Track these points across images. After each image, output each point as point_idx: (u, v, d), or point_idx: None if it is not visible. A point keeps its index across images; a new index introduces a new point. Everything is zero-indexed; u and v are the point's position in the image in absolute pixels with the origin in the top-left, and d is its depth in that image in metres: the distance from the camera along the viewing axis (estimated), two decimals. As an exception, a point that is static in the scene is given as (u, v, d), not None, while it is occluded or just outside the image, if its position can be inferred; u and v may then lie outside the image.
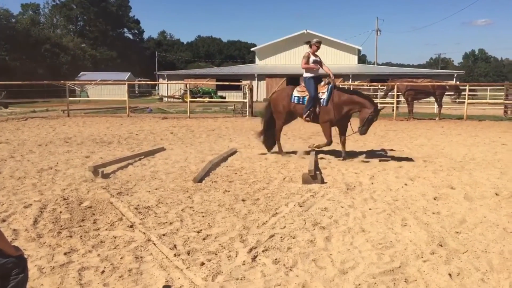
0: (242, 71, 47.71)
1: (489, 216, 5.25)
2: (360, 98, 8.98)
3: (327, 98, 9.02)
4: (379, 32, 62.89)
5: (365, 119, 8.76)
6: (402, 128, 15.93)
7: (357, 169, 8.05)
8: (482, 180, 7.14)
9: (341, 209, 5.54)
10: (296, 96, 9.40)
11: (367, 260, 3.93)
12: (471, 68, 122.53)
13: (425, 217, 5.24)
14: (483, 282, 3.53)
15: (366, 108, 8.76)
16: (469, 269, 3.75)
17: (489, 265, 3.85)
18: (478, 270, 3.74)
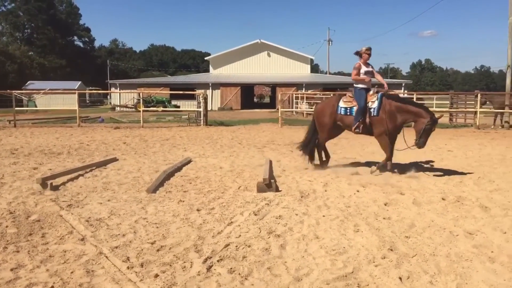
0: (196, 80, 47.64)
1: (437, 220, 5.45)
2: (414, 107, 8.39)
3: (377, 107, 8.44)
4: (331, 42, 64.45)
5: (421, 130, 8.10)
6: (354, 136, 16.21)
7: (311, 176, 8.17)
8: (430, 185, 7.40)
9: (295, 216, 5.59)
10: (343, 107, 8.81)
11: (321, 267, 3.99)
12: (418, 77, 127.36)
13: (376, 222, 5.37)
14: (432, 285, 3.65)
15: (422, 118, 8.14)
16: (418, 272, 3.87)
17: (437, 268, 3.99)
18: (426, 273, 3.87)
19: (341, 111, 8.82)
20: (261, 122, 23.02)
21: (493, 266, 4.02)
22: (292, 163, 9.82)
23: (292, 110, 30.28)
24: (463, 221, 5.40)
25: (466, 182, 7.74)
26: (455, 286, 3.62)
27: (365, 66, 8.72)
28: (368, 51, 8.72)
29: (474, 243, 4.62)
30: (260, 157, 10.64)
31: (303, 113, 29.09)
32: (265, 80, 48.71)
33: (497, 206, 6.05)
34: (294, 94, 32.63)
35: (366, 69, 8.70)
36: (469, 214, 5.72)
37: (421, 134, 8.13)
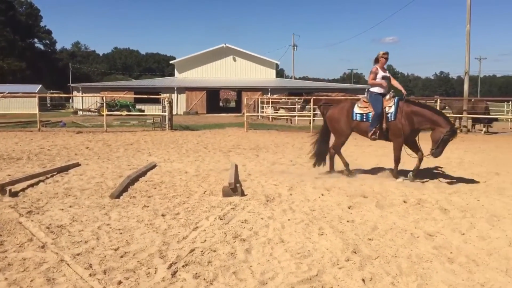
0: (161, 84, 47.18)
1: (398, 222, 5.58)
2: (433, 114, 8.10)
3: (394, 111, 8.22)
4: (295, 47, 65.09)
5: (439, 139, 7.84)
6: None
7: (276, 180, 8.21)
8: (392, 188, 7.56)
9: (261, 220, 5.61)
10: (359, 113, 8.58)
11: (286, 270, 4.02)
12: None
13: (340, 225, 5.45)
14: (393, 286, 3.74)
15: (440, 127, 7.87)
16: (381, 274, 3.96)
17: (399, 269, 4.08)
18: (389, 274, 3.95)
19: (357, 117, 8.58)
20: (227, 126, 23.00)
21: (452, 267, 4.14)
22: (258, 167, 9.85)
23: (258, 114, 30.40)
24: (423, 223, 5.55)
25: (426, 185, 7.96)
26: (416, 286, 3.72)
27: (382, 71, 8.53)
28: (386, 55, 8.51)
29: (434, 244, 4.75)
30: (225, 161, 10.63)
31: (269, 117, 29.26)
32: (230, 85, 48.73)
33: (456, 208, 6.24)
34: (260, 98, 32.77)
35: (383, 74, 8.52)
36: (429, 216, 5.88)
37: (438, 143, 7.88)
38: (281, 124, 25.27)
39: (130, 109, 35.97)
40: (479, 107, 21.44)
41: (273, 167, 9.85)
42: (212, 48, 50.90)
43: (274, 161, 10.82)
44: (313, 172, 9.18)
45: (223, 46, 50.25)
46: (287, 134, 19.14)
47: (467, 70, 22.96)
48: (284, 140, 16.18)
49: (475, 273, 3.99)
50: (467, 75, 23.07)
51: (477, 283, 3.78)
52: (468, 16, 22.27)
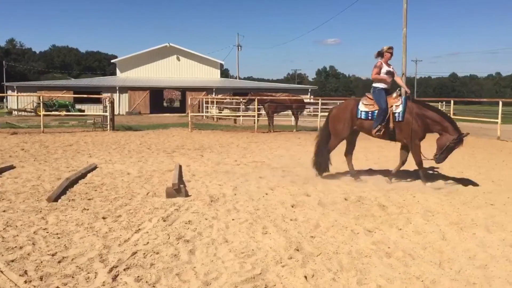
0: (102, 83, 45.88)
1: (340, 219, 5.72)
2: (443, 119, 7.85)
3: (402, 111, 7.96)
4: (240, 47, 65.31)
5: (444, 146, 7.67)
6: (263, 140, 16.64)
7: (221, 181, 8.20)
8: (334, 187, 7.75)
9: (205, 221, 5.59)
10: (364, 111, 8.30)
11: (230, 270, 4.02)
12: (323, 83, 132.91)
13: (284, 224, 5.52)
14: (334, 281, 3.83)
15: (447, 134, 7.69)
16: (322, 270, 4.04)
17: (340, 265, 4.19)
18: (330, 271, 4.05)
19: (362, 115, 8.33)
20: (171, 126, 22.71)
21: (389, 261, 4.30)
22: (202, 167, 9.80)
23: (203, 114, 30.22)
24: (363, 220, 5.72)
25: (366, 182, 8.21)
26: (356, 281, 3.83)
27: (386, 66, 8.29)
28: (390, 50, 8.30)
29: (373, 240, 4.91)
30: (169, 162, 10.50)
31: (214, 117, 29.16)
32: (174, 84, 48.18)
33: (394, 204, 6.48)
34: (204, 98, 32.58)
35: (388, 69, 8.27)
36: (368, 212, 6.07)
37: (443, 150, 7.72)
38: (226, 124, 25.27)
39: (69, 109, 34.75)
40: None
41: (218, 167, 9.83)
42: (155, 47, 50.11)
43: (218, 161, 10.80)
44: (257, 171, 9.25)
45: (166, 45, 49.59)
46: (232, 134, 19.16)
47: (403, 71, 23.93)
48: (229, 140, 16.19)
49: (411, 267, 4.16)
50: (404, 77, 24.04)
51: (412, 276, 3.95)
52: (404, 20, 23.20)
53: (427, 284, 3.78)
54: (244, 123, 26.18)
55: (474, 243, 4.80)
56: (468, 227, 5.38)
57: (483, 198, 6.94)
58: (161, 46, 49.80)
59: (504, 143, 16.09)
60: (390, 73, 8.29)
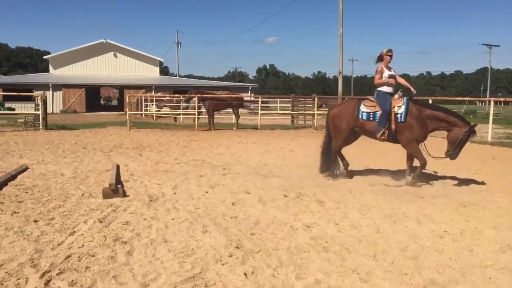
0: (34, 81, 43.73)
1: (279, 216, 5.79)
2: (447, 115, 7.82)
3: (404, 112, 7.86)
4: (179, 45, 64.56)
5: (457, 140, 7.62)
6: (203, 138, 16.54)
7: (160, 180, 8.08)
8: (273, 184, 7.83)
9: (143, 221, 5.48)
10: (365, 111, 8.14)
11: (169, 270, 3.97)
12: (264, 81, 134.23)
13: (224, 222, 5.52)
14: (274, 277, 3.87)
15: (457, 127, 7.65)
16: (262, 267, 4.08)
17: (279, 261, 4.24)
18: (269, 267, 4.09)
19: (363, 116, 8.19)
20: (108, 125, 22.08)
21: (327, 255, 4.41)
22: (141, 167, 9.60)
23: (142, 113, 29.61)
24: (302, 216, 5.83)
25: (305, 179, 8.35)
26: (294, 276, 3.89)
27: (387, 70, 8.19)
28: (390, 53, 8.19)
29: (311, 235, 5.01)
30: (106, 161, 10.20)
31: (153, 116, 28.65)
32: (112, 82, 46.82)
33: (331, 200, 6.65)
34: (143, 96, 31.93)
35: (389, 73, 8.17)
36: (307, 208, 6.19)
37: (456, 145, 7.67)
38: (165, 123, 24.90)
39: (-2, 108, 32.92)
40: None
41: (157, 166, 9.66)
42: (91, 43, 48.45)
43: (158, 160, 10.62)
44: (198, 170, 9.19)
45: (103, 42, 48.10)
46: (172, 132, 18.90)
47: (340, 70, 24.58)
48: (169, 139, 15.96)
49: (347, 260, 4.28)
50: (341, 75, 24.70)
51: (348, 269, 4.07)
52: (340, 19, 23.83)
53: (362, 276, 3.90)
54: (184, 121, 25.91)
55: (406, 235, 5.02)
56: (401, 220, 5.62)
57: (414, 192, 7.27)
58: (97, 42, 48.25)
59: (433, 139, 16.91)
60: (392, 76, 8.21)
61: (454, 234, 5.06)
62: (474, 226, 5.37)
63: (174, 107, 27.83)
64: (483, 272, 4.01)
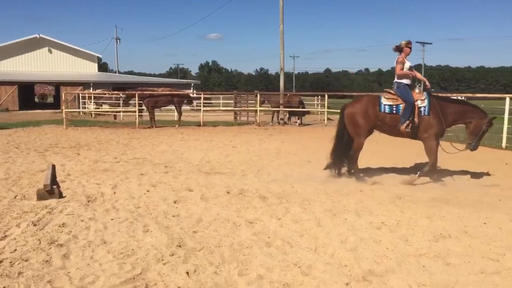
0: (-41, 77, 41.07)
1: (222, 213, 5.78)
2: (467, 108, 7.92)
3: (428, 105, 7.72)
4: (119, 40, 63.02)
5: (480, 131, 7.69)
6: (145, 135, 16.21)
7: (99, 179, 7.83)
8: (216, 180, 7.80)
9: (81, 223, 5.29)
10: (388, 104, 7.90)
11: (108, 272, 3.85)
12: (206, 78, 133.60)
13: (166, 220, 5.43)
14: (216, 275, 3.85)
15: (479, 119, 7.70)
16: (204, 265, 4.05)
17: (222, 258, 4.22)
18: (212, 264, 4.06)
19: (386, 109, 7.92)
20: (44, 124, 21.13)
21: (269, 250, 4.44)
22: (79, 166, 9.26)
23: (79, 110, 28.60)
24: (245, 212, 5.84)
25: (248, 175, 8.39)
26: (237, 273, 3.89)
27: (407, 61, 8.04)
28: (409, 45, 8.03)
29: (254, 231, 5.03)
30: (41, 162, 9.76)
31: (92, 113, 27.74)
32: (47, 79, 44.81)
33: (274, 195, 6.71)
34: (81, 93, 30.83)
35: (409, 64, 8.05)
36: (250, 204, 6.20)
37: (479, 136, 7.76)
38: (105, 121, 24.19)
39: None
40: (294, 101, 23.38)
41: (96, 166, 9.36)
42: (23, 38, 46.13)
43: (96, 159, 10.29)
44: (139, 168, 9.00)
45: (36, 37, 45.91)
46: (112, 130, 18.38)
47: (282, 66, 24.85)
48: (108, 137, 15.51)
49: (289, 254, 4.33)
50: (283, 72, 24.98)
51: (290, 263, 4.11)
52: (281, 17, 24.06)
53: (303, 270, 3.96)
54: (125, 119, 25.29)
55: (345, 228, 5.15)
56: (341, 213, 5.76)
57: (354, 185, 7.48)
58: (31, 37, 46.00)
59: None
60: (411, 68, 8.13)
61: (391, 225, 5.25)
62: (409, 217, 5.59)
63: (113, 105, 27.08)
64: (417, 260, 4.18)
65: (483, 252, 4.37)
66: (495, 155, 11.36)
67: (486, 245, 4.58)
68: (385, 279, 3.78)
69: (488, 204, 6.27)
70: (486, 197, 6.72)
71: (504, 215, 5.71)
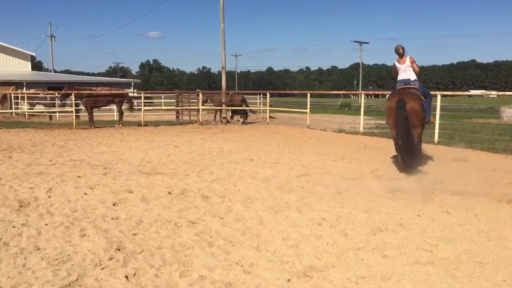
0: None
1: (163, 214, 5.67)
2: None
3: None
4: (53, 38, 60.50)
5: None
6: (82, 136, 15.65)
7: (32, 183, 7.47)
8: (157, 181, 7.66)
9: (12, 229, 5.02)
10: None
11: (42, 280, 3.67)
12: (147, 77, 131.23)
13: (104, 224, 5.26)
14: (157, 277, 3.77)
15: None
16: (145, 268, 3.95)
17: (162, 260, 4.14)
18: (152, 267, 3.98)
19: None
20: (-28, 125, 19.93)
21: (211, 250, 4.41)
22: (10, 170, 8.79)
23: (12, 111, 27.20)
24: (187, 212, 5.77)
25: (190, 175, 8.29)
26: (178, 274, 3.83)
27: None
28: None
29: (196, 231, 4.98)
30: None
31: (25, 114, 26.48)
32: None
33: (216, 195, 6.67)
34: (13, 93, 29.33)
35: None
36: (192, 204, 6.14)
37: None
38: (40, 121, 23.15)
39: None
40: (236, 99, 23.39)
41: (29, 169, 8.92)
42: None
43: (30, 162, 9.81)
44: (76, 171, 8.67)
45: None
46: (47, 132, 17.60)
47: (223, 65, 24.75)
48: (43, 139, 14.83)
49: (231, 253, 4.32)
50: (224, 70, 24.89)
51: (233, 262, 4.10)
52: (221, 15, 23.97)
53: (246, 268, 3.96)
54: (61, 119, 24.32)
55: (287, 225, 5.20)
56: (283, 210, 5.81)
57: (295, 182, 7.57)
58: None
59: (313, 131, 17.80)
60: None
61: (331, 220, 5.36)
62: (348, 212, 5.73)
63: (49, 105, 25.97)
64: (356, 254, 4.29)
65: (417, 244, 4.55)
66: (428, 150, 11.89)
67: (420, 237, 4.77)
68: (325, 274, 3.85)
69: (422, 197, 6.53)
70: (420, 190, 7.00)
71: (436, 207, 5.97)
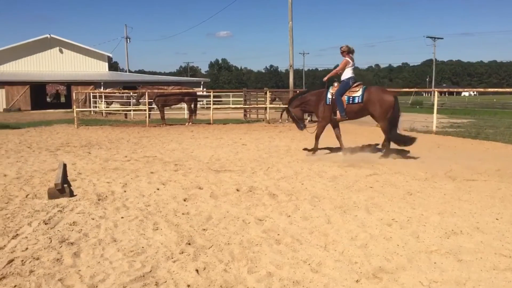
0: (-26, 78, 41.55)
1: (231, 210, 5.77)
2: None
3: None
4: (129, 39, 63.30)
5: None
6: (155, 134, 16.27)
7: (109, 178, 7.87)
8: (226, 178, 7.80)
9: (91, 221, 5.32)
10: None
11: (118, 270, 3.87)
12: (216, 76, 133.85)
13: (175, 218, 5.44)
14: (226, 272, 3.85)
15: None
16: (214, 262, 4.05)
17: (231, 255, 4.22)
18: (221, 262, 4.06)
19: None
20: (55, 123, 21.33)
21: (279, 248, 4.43)
22: (89, 165, 9.32)
23: (90, 109, 28.78)
24: (254, 209, 5.83)
25: (257, 172, 8.37)
26: (247, 270, 3.88)
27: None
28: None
29: (263, 228, 5.02)
30: (53, 161, 9.84)
31: (102, 112, 27.92)
32: (58, 78, 45.16)
33: (283, 192, 6.69)
34: (92, 93, 31.02)
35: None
36: (259, 202, 6.20)
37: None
38: (116, 119, 24.32)
39: None
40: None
41: (106, 164, 9.41)
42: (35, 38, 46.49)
43: (107, 158, 10.35)
44: (149, 167, 9.03)
45: (47, 37, 46.27)
46: (122, 129, 18.48)
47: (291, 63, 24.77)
48: (119, 136, 15.59)
49: (298, 251, 4.32)
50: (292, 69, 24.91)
51: (300, 260, 4.10)
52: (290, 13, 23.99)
53: (313, 267, 3.95)
54: (135, 117, 25.42)
55: (355, 225, 5.12)
56: (351, 210, 5.73)
57: (364, 182, 7.43)
58: (42, 37, 46.38)
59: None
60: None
61: (401, 222, 5.21)
62: (420, 213, 5.54)
63: (124, 103, 27.22)
64: (428, 257, 4.14)
65: (495, 249, 4.32)
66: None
67: (499, 241, 4.53)
68: (395, 276, 3.75)
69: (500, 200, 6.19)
70: (499, 192, 6.63)
71: (516, 211, 5.64)
